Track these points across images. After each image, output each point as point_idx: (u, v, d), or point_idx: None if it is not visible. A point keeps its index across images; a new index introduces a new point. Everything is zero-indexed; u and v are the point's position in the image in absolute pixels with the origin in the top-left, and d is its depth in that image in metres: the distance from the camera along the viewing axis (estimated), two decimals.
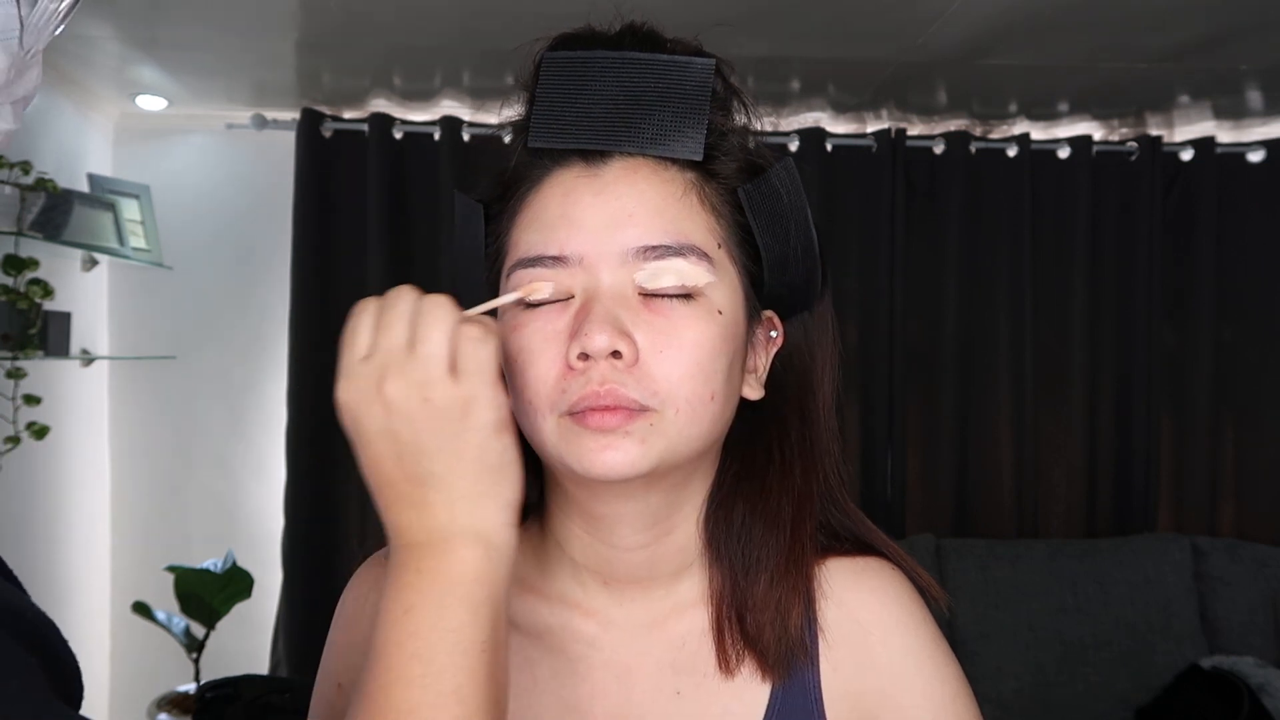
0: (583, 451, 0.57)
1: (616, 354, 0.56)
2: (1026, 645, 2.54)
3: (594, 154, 0.60)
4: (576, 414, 0.57)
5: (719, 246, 0.61)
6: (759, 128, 0.65)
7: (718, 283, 0.60)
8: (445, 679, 0.49)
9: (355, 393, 0.53)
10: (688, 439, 0.59)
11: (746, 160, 0.63)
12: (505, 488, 0.54)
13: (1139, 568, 2.62)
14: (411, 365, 0.51)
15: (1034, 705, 2.50)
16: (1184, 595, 2.61)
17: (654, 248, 0.58)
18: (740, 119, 0.64)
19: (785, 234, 0.63)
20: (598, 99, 0.60)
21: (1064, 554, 2.64)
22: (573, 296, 0.59)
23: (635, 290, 0.58)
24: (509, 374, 0.61)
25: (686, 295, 0.59)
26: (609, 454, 0.57)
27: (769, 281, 0.64)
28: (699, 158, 0.60)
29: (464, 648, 0.50)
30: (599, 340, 0.56)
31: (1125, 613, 2.57)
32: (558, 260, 0.59)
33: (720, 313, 0.60)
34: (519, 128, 0.63)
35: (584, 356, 0.57)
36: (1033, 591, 2.58)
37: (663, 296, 0.58)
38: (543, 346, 0.58)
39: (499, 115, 0.66)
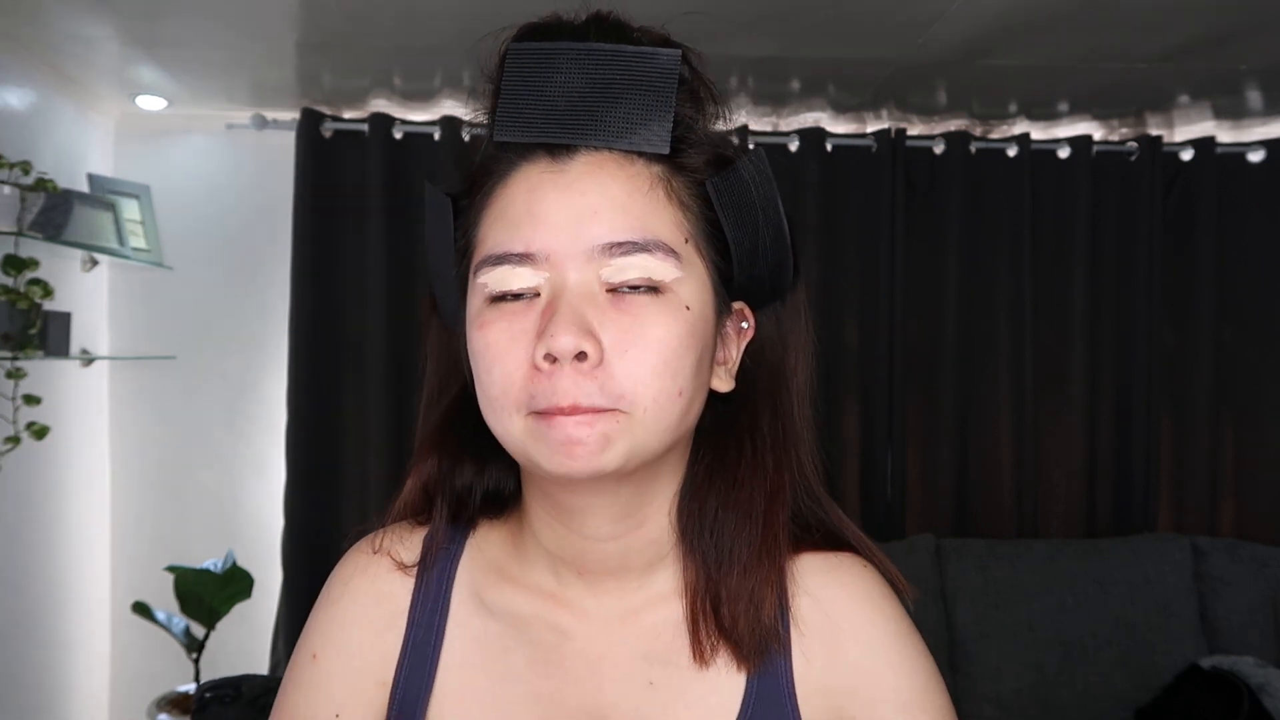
0: (550, 451, 0.57)
1: (582, 354, 0.56)
2: (1026, 645, 2.54)
3: (560, 148, 0.59)
4: (542, 412, 0.57)
5: (686, 241, 0.60)
6: (728, 117, 0.64)
7: (685, 278, 0.60)
8: None
9: None
10: (655, 435, 0.59)
11: (715, 152, 0.62)
12: None
13: (1139, 568, 2.62)
14: None
15: (1034, 705, 2.50)
16: (1184, 595, 2.61)
17: (620, 244, 0.58)
18: (710, 111, 0.63)
19: (754, 226, 0.62)
20: (562, 91, 0.59)
21: (1064, 554, 2.64)
22: (539, 294, 0.59)
23: (602, 287, 0.58)
24: (475, 370, 0.61)
25: (653, 290, 0.58)
26: (576, 451, 0.57)
27: (738, 274, 0.64)
28: (665, 150, 0.59)
29: None
30: (564, 341, 0.56)
31: (1125, 613, 2.57)
32: (524, 258, 0.59)
33: (688, 308, 0.59)
34: (487, 120, 0.63)
35: (550, 357, 0.57)
36: (1033, 591, 2.58)
37: (629, 292, 0.58)
38: (509, 345, 0.58)
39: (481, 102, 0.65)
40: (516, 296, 0.59)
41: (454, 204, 0.65)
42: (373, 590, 0.71)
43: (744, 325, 0.67)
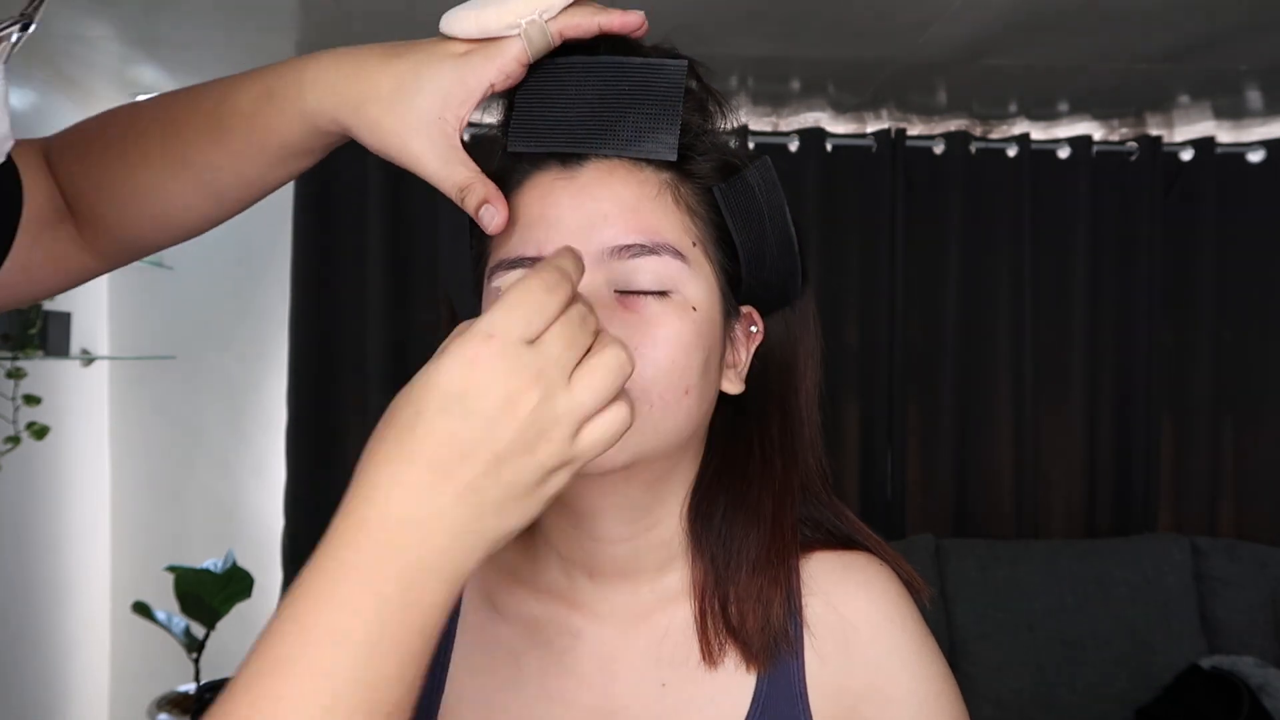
0: None
1: None
2: (1026, 645, 2.54)
3: (571, 157, 0.61)
4: None
5: (694, 245, 0.62)
6: (735, 127, 0.66)
7: (692, 280, 0.61)
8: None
9: (492, 370, 0.46)
10: (663, 433, 0.60)
11: (722, 160, 0.64)
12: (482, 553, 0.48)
13: (1139, 568, 2.62)
14: (558, 402, 0.47)
15: (1034, 705, 2.50)
16: (1184, 595, 2.61)
17: (628, 247, 0.59)
18: (718, 119, 0.65)
19: (761, 231, 0.64)
20: (573, 103, 0.61)
21: (1064, 554, 2.64)
22: None
23: (610, 289, 0.60)
24: None
25: (661, 293, 0.60)
26: None
27: (746, 278, 0.65)
28: (673, 158, 0.61)
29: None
30: None
31: (1125, 613, 2.57)
32: (536, 260, 0.60)
33: (694, 309, 0.61)
34: (500, 132, 0.65)
35: None
36: (1033, 591, 2.58)
37: (638, 294, 0.59)
38: None
39: (493, 114, 0.67)
40: None
41: None
42: None
43: (753, 329, 0.68)
